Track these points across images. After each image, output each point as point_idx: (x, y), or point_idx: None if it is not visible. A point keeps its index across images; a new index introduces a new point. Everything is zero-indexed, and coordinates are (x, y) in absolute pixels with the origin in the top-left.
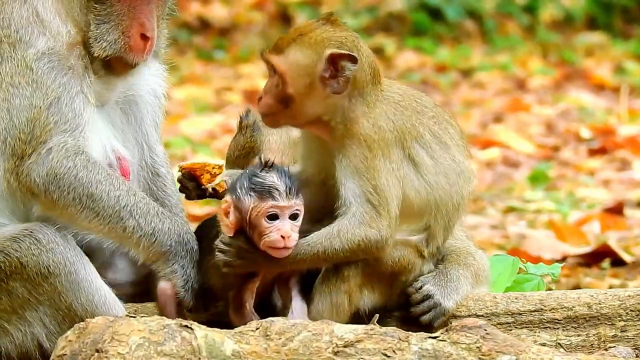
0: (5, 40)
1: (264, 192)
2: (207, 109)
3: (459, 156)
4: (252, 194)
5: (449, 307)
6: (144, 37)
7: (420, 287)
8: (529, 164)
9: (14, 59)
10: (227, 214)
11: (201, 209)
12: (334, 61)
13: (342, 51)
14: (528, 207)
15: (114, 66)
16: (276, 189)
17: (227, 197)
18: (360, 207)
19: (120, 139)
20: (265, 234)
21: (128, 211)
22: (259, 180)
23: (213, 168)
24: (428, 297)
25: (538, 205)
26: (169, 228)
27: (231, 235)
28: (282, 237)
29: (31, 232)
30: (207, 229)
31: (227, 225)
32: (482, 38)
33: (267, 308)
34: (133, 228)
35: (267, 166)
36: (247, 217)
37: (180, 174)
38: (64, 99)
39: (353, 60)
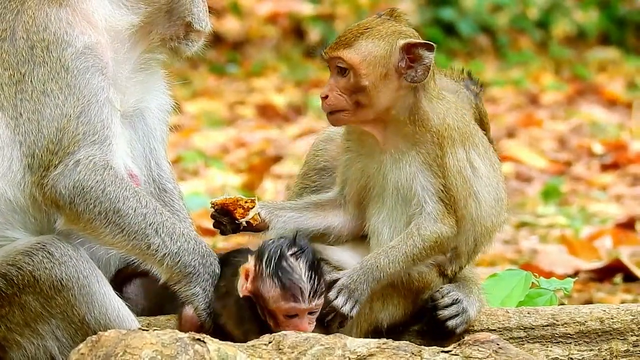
0: (39, 45)
1: (287, 289)
2: (220, 122)
3: (502, 183)
4: (277, 282)
5: (473, 316)
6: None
7: (448, 293)
8: (542, 179)
9: (48, 63)
10: (247, 277)
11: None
12: (409, 51)
13: (418, 40)
14: (540, 222)
15: (193, 37)
16: (301, 290)
17: (252, 262)
18: (435, 205)
19: (130, 154)
20: (280, 326)
21: (154, 229)
22: (287, 268)
23: (245, 202)
24: (457, 301)
25: (550, 220)
26: (193, 249)
27: (242, 295)
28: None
29: (44, 245)
30: (228, 263)
31: (242, 287)
32: (495, 53)
33: None
34: (158, 246)
35: (300, 250)
36: (265, 302)
37: (213, 209)
38: (93, 107)
39: (429, 48)
